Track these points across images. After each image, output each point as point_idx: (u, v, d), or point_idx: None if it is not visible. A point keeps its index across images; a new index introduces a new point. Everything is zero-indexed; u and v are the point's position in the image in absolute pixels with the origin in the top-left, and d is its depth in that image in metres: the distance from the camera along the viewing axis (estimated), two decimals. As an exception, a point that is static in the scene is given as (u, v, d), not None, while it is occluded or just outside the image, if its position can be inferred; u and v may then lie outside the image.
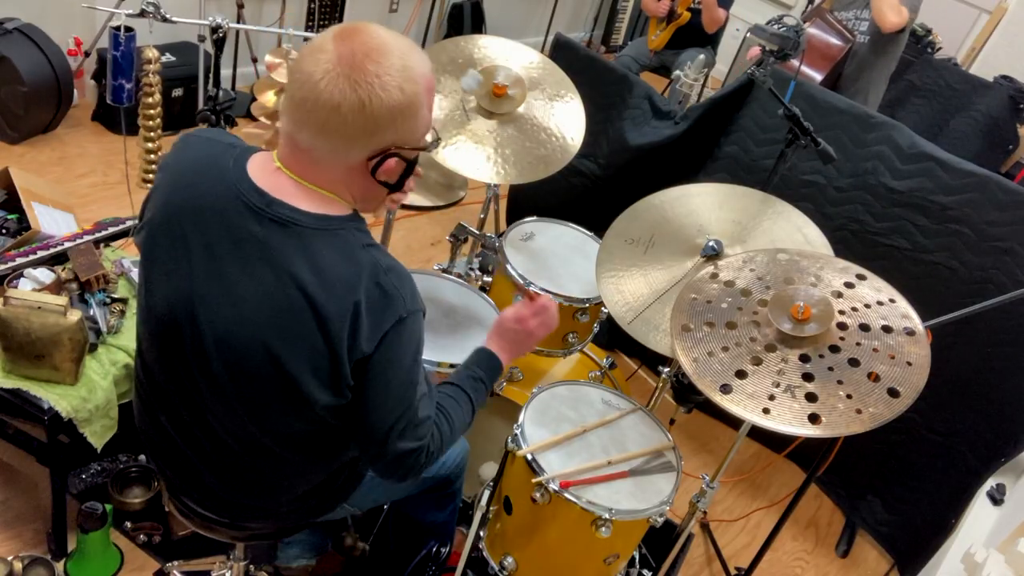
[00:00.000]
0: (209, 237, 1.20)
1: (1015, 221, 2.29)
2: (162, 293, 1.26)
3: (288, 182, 1.20)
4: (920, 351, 1.46)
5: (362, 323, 1.18)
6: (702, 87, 4.20)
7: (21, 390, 1.74)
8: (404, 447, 1.28)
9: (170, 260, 1.24)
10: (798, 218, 1.91)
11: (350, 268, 1.19)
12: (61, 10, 3.50)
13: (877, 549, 2.73)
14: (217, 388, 1.28)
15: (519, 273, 2.11)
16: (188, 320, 1.23)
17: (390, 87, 1.12)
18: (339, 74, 1.10)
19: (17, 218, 2.21)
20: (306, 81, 1.11)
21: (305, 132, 1.15)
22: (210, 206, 1.21)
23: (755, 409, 1.46)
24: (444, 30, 5.11)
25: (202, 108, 2.43)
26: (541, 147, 2.13)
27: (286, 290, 1.17)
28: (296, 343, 1.19)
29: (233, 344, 1.22)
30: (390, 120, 1.15)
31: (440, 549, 2.01)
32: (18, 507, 2.07)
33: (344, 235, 1.21)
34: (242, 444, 1.34)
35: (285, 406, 1.26)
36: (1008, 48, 5.01)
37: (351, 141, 1.15)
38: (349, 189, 1.23)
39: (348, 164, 1.19)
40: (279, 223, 1.18)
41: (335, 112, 1.11)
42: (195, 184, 1.23)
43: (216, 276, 1.21)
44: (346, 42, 1.11)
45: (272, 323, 1.19)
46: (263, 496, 1.44)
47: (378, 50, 1.12)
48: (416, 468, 1.32)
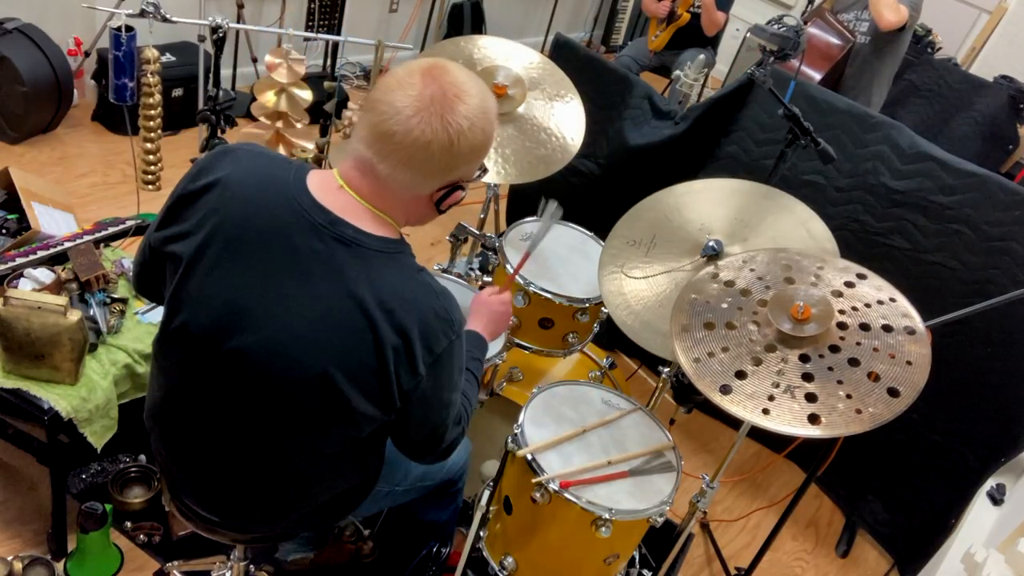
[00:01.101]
0: (268, 252, 1.20)
1: (1015, 221, 2.29)
2: (210, 307, 1.23)
3: (350, 201, 1.22)
4: (920, 350, 1.46)
5: (416, 347, 1.21)
6: (702, 87, 4.20)
7: (21, 390, 1.74)
8: (451, 436, 1.38)
9: (221, 272, 1.22)
10: (803, 211, 1.89)
11: (409, 292, 1.22)
12: (61, 10, 3.50)
13: (877, 549, 2.73)
14: (255, 403, 1.26)
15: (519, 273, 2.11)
16: (239, 334, 1.22)
17: (476, 128, 1.18)
18: (432, 112, 1.14)
19: (17, 218, 2.21)
20: (396, 115, 1.14)
21: (387, 163, 1.18)
22: (271, 222, 1.21)
23: (755, 409, 1.46)
24: (444, 30, 5.11)
25: (202, 108, 2.43)
26: (541, 147, 2.13)
27: (346, 309, 1.18)
28: (351, 362, 1.20)
29: (285, 360, 1.21)
30: (469, 157, 1.22)
31: (440, 549, 2.01)
32: (18, 507, 2.07)
33: (402, 259, 1.25)
34: (270, 459, 1.34)
35: (329, 423, 1.27)
36: (1008, 48, 5.01)
37: (431, 175, 1.21)
38: (406, 213, 1.28)
39: (418, 194, 1.24)
40: (342, 242, 1.20)
41: (425, 148, 1.16)
42: (253, 197, 1.22)
43: (273, 291, 1.20)
44: (436, 81, 1.16)
45: (329, 340, 1.19)
46: (271, 508, 1.44)
47: (465, 91, 1.17)
48: (457, 444, 1.42)
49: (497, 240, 2.23)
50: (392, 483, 1.62)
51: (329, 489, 1.44)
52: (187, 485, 1.47)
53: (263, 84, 2.59)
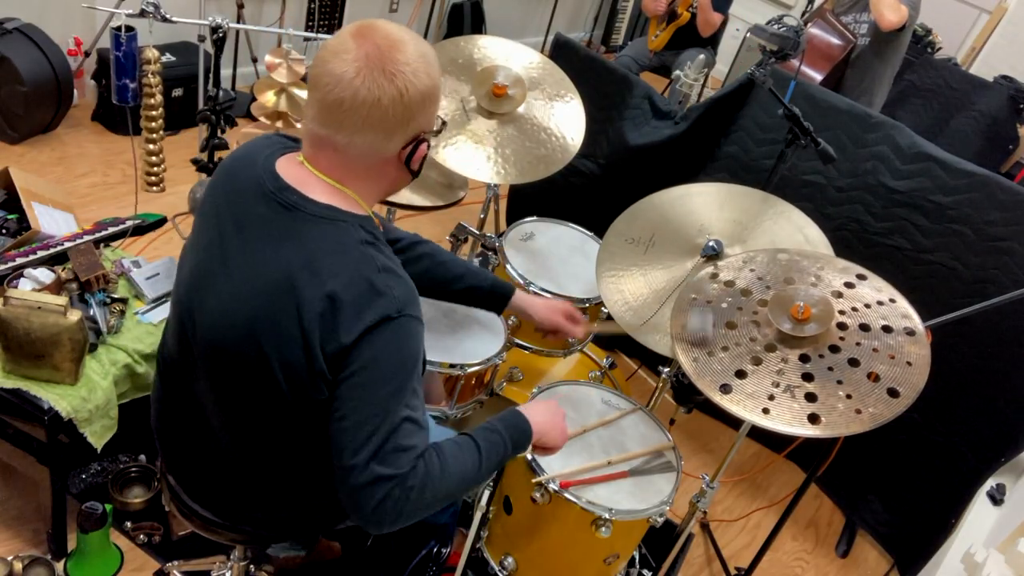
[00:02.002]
0: (222, 219, 1.27)
1: (1015, 221, 2.29)
2: (183, 277, 1.33)
3: (309, 176, 1.23)
4: (920, 351, 1.46)
5: (342, 314, 1.15)
6: (702, 87, 4.20)
7: (21, 390, 1.74)
8: (379, 471, 1.14)
9: (194, 243, 1.32)
10: (799, 218, 1.91)
11: (339, 258, 1.18)
12: (61, 10, 3.50)
13: (877, 549, 2.73)
14: (215, 379, 1.30)
15: (519, 273, 2.11)
16: (196, 299, 1.28)
17: (421, 73, 1.17)
18: (373, 68, 1.13)
19: (17, 218, 2.21)
20: (338, 82, 1.14)
21: (344, 132, 1.17)
22: (234, 191, 1.27)
23: (755, 409, 1.46)
24: (444, 30, 5.11)
25: (202, 108, 2.43)
26: (541, 147, 2.13)
27: (274, 271, 1.19)
28: (274, 325, 1.18)
29: (223, 321, 1.24)
30: (422, 106, 1.19)
31: (440, 549, 2.01)
32: (18, 507, 2.07)
33: (345, 227, 1.21)
34: (235, 446, 1.34)
35: (258, 392, 1.24)
36: (1008, 48, 5.01)
37: (390, 132, 1.19)
38: (380, 183, 1.27)
39: (384, 156, 1.22)
40: (284, 206, 1.21)
41: (376, 106, 1.14)
42: (231, 175, 1.30)
43: (219, 255, 1.25)
44: (367, 39, 1.15)
45: (257, 301, 1.20)
46: (260, 506, 1.44)
47: (399, 42, 1.16)
48: (389, 508, 1.15)
49: (497, 240, 2.23)
50: None
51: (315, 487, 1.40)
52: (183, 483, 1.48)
53: (263, 84, 2.58)
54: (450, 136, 2.09)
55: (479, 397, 2.03)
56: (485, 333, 2.01)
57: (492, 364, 1.95)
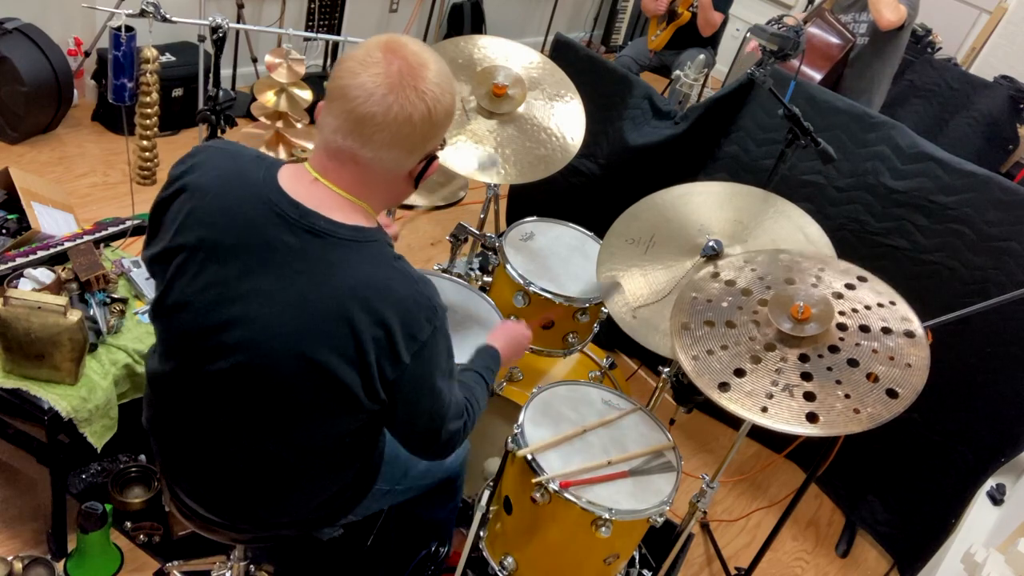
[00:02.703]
0: (240, 249, 1.20)
1: (1015, 221, 2.29)
2: (192, 307, 1.24)
3: (325, 192, 1.21)
4: (920, 353, 1.46)
5: (397, 336, 1.19)
6: (702, 87, 4.20)
7: (21, 390, 1.74)
8: (452, 428, 1.36)
9: (200, 274, 1.22)
10: (800, 217, 1.91)
11: (386, 281, 1.20)
12: (61, 10, 3.50)
13: (877, 549, 2.73)
14: (241, 400, 1.26)
15: (519, 273, 2.11)
16: (219, 332, 1.22)
17: (446, 92, 1.19)
18: (405, 86, 1.14)
19: (17, 218, 2.21)
20: (370, 96, 1.13)
21: (371, 146, 1.17)
22: (241, 218, 1.20)
23: (753, 408, 1.46)
24: (444, 30, 5.11)
25: (202, 108, 2.43)
26: (541, 147, 2.13)
27: (322, 302, 1.18)
28: (338, 351, 1.19)
29: (267, 355, 1.20)
30: (445, 124, 1.22)
31: (440, 548, 2.01)
32: (18, 507, 2.07)
33: (377, 248, 1.23)
34: (256, 455, 1.34)
35: (326, 414, 1.26)
36: (1008, 48, 5.01)
37: (414, 149, 1.21)
38: (389, 196, 1.29)
39: (402, 172, 1.24)
40: (315, 234, 1.19)
41: (407, 122, 1.15)
42: (223, 197, 1.22)
43: (249, 287, 1.20)
44: (397, 55, 1.15)
45: (310, 332, 1.18)
46: (268, 507, 1.44)
47: (426, 59, 1.17)
48: (458, 442, 1.40)
49: (497, 240, 2.23)
50: (392, 482, 1.63)
51: (324, 488, 1.44)
52: (186, 487, 1.47)
53: (263, 84, 2.59)
54: (450, 136, 2.09)
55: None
56: (485, 333, 2.01)
57: (492, 364, 1.95)
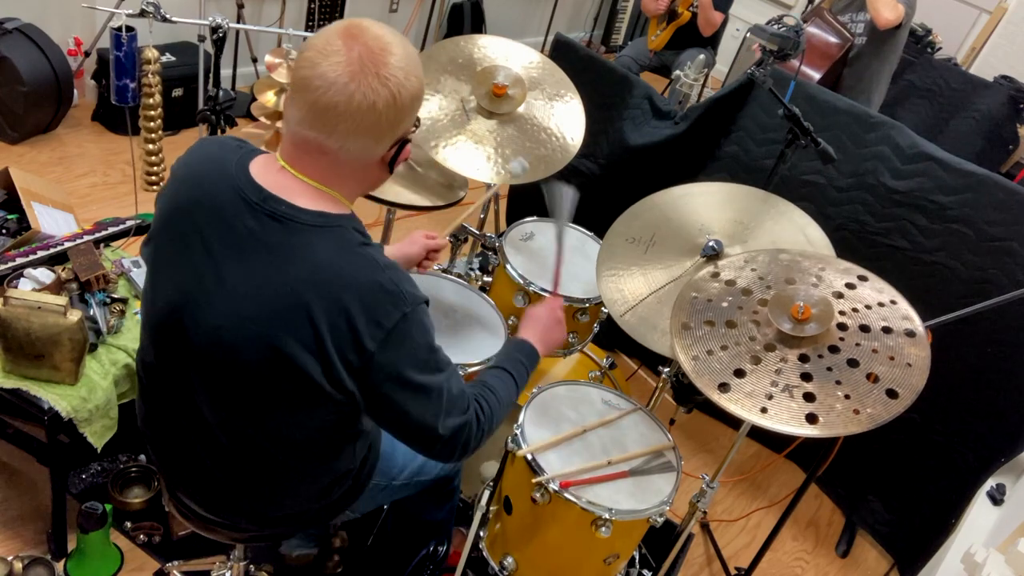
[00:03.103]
0: (207, 234, 1.21)
1: (1015, 221, 2.29)
2: (163, 293, 1.26)
3: (291, 180, 1.21)
4: (920, 353, 1.46)
5: (358, 322, 1.16)
6: (702, 87, 4.20)
7: (21, 390, 1.74)
8: (453, 424, 1.30)
9: (172, 260, 1.25)
10: (800, 218, 1.91)
11: (347, 266, 1.18)
12: (61, 10, 3.50)
13: (877, 549, 2.73)
14: (214, 388, 1.27)
15: (519, 273, 2.11)
16: (187, 317, 1.23)
17: (412, 76, 1.16)
18: (367, 73, 1.12)
19: (17, 218, 2.21)
20: (331, 85, 1.11)
21: (336, 136, 1.15)
22: (209, 204, 1.21)
23: (753, 408, 1.46)
24: (444, 30, 5.11)
25: (202, 108, 2.43)
26: (541, 147, 2.13)
27: (279, 287, 1.16)
28: (296, 337, 1.17)
29: (230, 340, 1.20)
30: (411, 108, 1.19)
31: (438, 548, 2.01)
32: (18, 507, 2.07)
33: (340, 233, 1.20)
34: (239, 446, 1.34)
35: (295, 403, 1.24)
36: (1008, 48, 5.01)
37: (381, 136, 1.18)
38: (361, 184, 1.26)
39: (372, 159, 1.21)
40: (274, 218, 1.18)
41: (371, 111, 1.13)
42: (198, 184, 1.24)
43: (213, 273, 1.20)
44: (357, 40, 1.13)
45: (272, 318, 1.17)
46: (260, 502, 1.44)
47: (388, 43, 1.15)
48: (471, 441, 1.34)
49: (497, 240, 2.23)
50: (388, 477, 1.62)
51: (313, 481, 1.43)
52: (175, 479, 1.48)
53: (263, 84, 2.58)
54: (450, 136, 2.09)
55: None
56: (485, 333, 2.02)
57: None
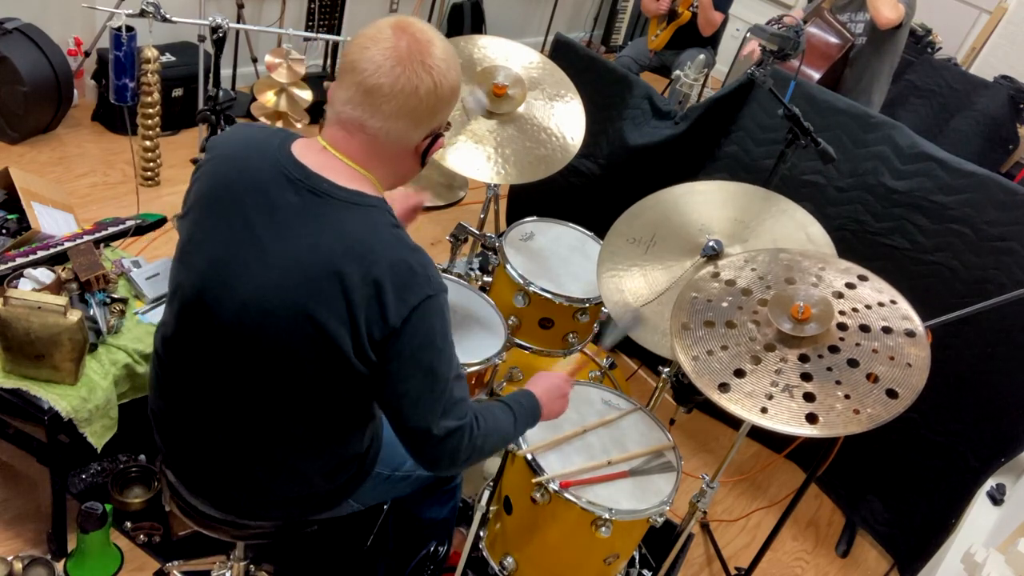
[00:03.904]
0: (247, 208, 1.26)
1: (1015, 221, 2.29)
2: (196, 264, 1.31)
3: (333, 160, 1.27)
4: (920, 353, 1.46)
5: (387, 296, 1.21)
6: (702, 87, 4.20)
7: (21, 390, 1.74)
8: (448, 426, 1.31)
9: (208, 232, 1.30)
10: (802, 216, 1.90)
11: (380, 242, 1.24)
12: (61, 10, 3.50)
13: (877, 549, 2.73)
14: (237, 359, 1.30)
15: (519, 273, 2.11)
16: (219, 288, 1.27)
17: (452, 69, 1.26)
18: (413, 60, 1.21)
19: (17, 218, 2.21)
20: (379, 68, 1.20)
21: (379, 116, 1.23)
22: (252, 179, 1.27)
23: (753, 408, 1.46)
24: (444, 30, 5.11)
25: (202, 108, 2.43)
26: (541, 147, 2.13)
27: (314, 257, 1.22)
28: (329, 307, 1.22)
29: (264, 309, 1.24)
30: (448, 101, 1.28)
31: (439, 548, 2.01)
32: (18, 507, 2.07)
33: (375, 213, 1.27)
34: (254, 420, 1.35)
35: (319, 374, 1.28)
36: (1008, 48, 5.01)
37: (419, 122, 1.26)
38: (396, 171, 1.33)
39: (408, 146, 1.29)
40: (314, 193, 1.24)
41: (414, 95, 1.22)
42: (241, 159, 1.30)
43: (250, 243, 1.25)
44: (405, 32, 1.23)
45: (304, 287, 1.22)
46: (268, 481, 1.43)
47: (432, 37, 1.25)
48: (460, 452, 1.34)
49: (497, 240, 2.23)
50: (391, 467, 1.62)
51: (321, 461, 1.43)
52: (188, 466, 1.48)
53: (263, 84, 2.59)
54: (450, 136, 2.09)
55: (479, 397, 2.03)
56: (485, 333, 2.02)
57: (492, 364, 1.95)
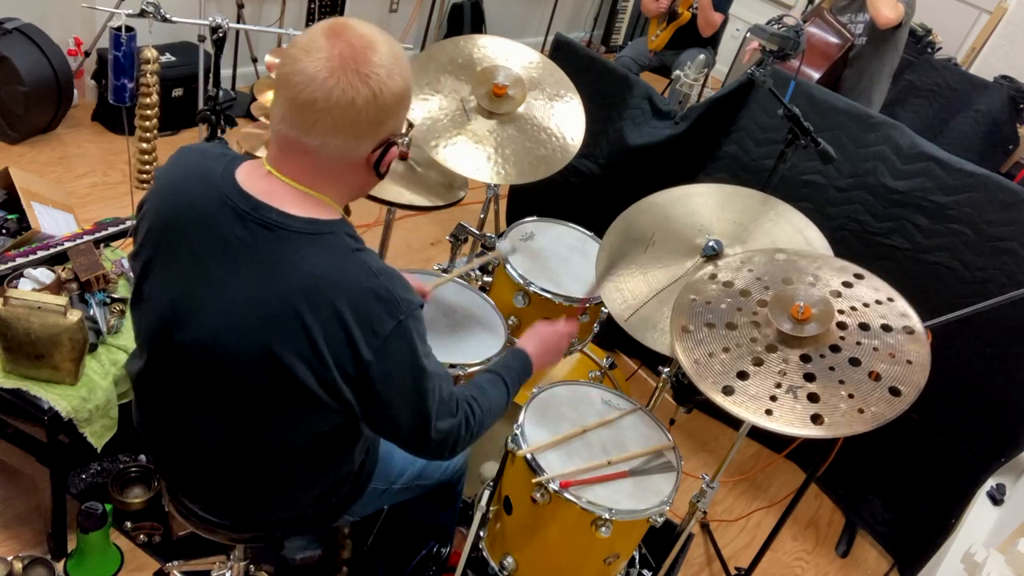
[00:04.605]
0: (195, 243, 1.18)
1: (1015, 221, 2.29)
2: (154, 305, 1.24)
3: (279, 185, 1.19)
4: (920, 349, 1.46)
5: (354, 332, 1.15)
6: (702, 87, 4.20)
7: (21, 390, 1.74)
8: (443, 427, 1.31)
9: (161, 272, 1.23)
10: (799, 220, 1.91)
11: (340, 274, 1.16)
12: (61, 10, 3.50)
13: (877, 549, 2.73)
14: (208, 397, 1.26)
15: (519, 273, 2.11)
16: (180, 330, 1.21)
17: (395, 75, 1.14)
18: (347, 69, 1.10)
19: (17, 218, 2.21)
20: (311, 82, 1.10)
21: (315, 134, 1.13)
22: (197, 213, 1.19)
23: (758, 410, 1.46)
24: (444, 30, 5.11)
25: (202, 108, 2.43)
26: (541, 147, 2.12)
27: (272, 297, 1.15)
28: (292, 346, 1.15)
29: (226, 350, 1.18)
30: (395, 108, 1.17)
31: (440, 549, 2.01)
32: (18, 507, 2.07)
33: (332, 240, 1.18)
34: (233, 453, 1.33)
35: (291, 410, 1.23)
36: (1008, 48, 5.01)
37: (362, 135, 1.16)
38: (348, 186, 1.24)
39: (354, 160, 1.19)
40: (265, 227, 1.16)
41: (350, 108, 1.11)
42: (183, 192, 1.22)
43: (204, 282, 1.18)
44: (340, 38, 1.11)
45: (265, 327, 1.15)
46: (258, 507, 1.44)
47: (372, 42, 1.13)
48: (461, 441, 1.35)
49: (497, 240, 2.23)
50: (387, 481, 1.62)
51: (310, 486, 1.42)
52: (179, 486, 1.48)
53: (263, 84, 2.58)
54: (450, 136, 2.09)
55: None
56: (485, 333, 2.01)
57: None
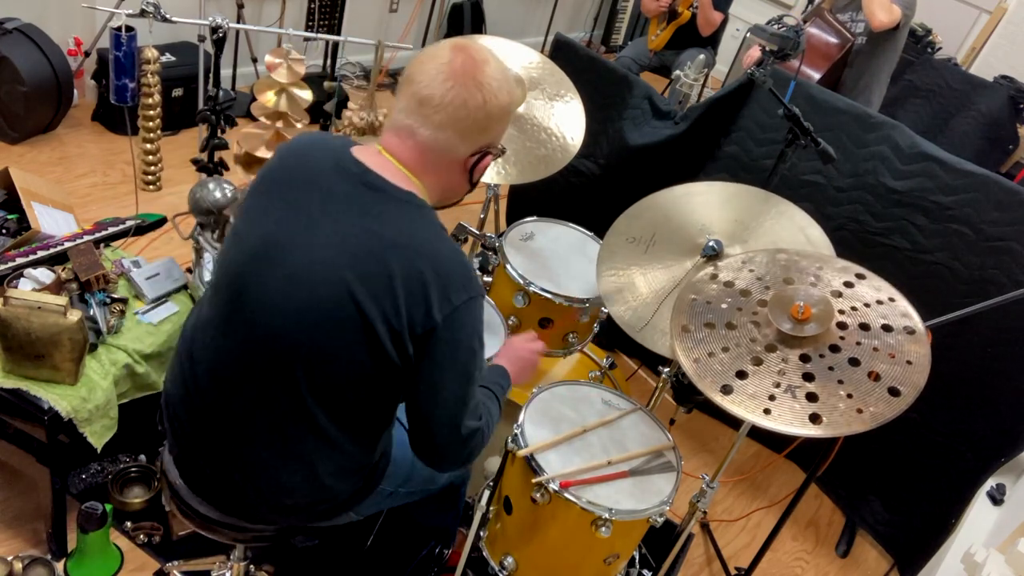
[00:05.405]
0: (301, 191, 1.32)
1: (1015, 221, 2.29)
2: (247, 240, 1.34)
3: (388, 163, 1.34)
4: (920, 350, 1.46)
5: (431, 290, 1.26)
6: (702, 87, 4.20)
7: (21, 390, 1.74)
8: (472, 425, 1.38)
9: (261, 212, 1.35)
10: (801, 218, 1.90)
11: (428, 238, 1.30)
12: (61, 10, 3.50)
13: (877, 549, 2.73)
14: (273, 336, 1.30)
15: (519, 273, 2.11)
16: (266, 261, 1.30)
17: (503, 89, 1.33)
18: (465, 75, 1.28)
19: (17, 218, 2.21)
20: (432, 81, 1.28)
21: (428, 125, 1.30)
22: (311, 169, 1.34)
23: (756, 409, 1.46)
24: (444, 30, 5.11)
25: (202, 108, 2.43)
26: (541, 147, 2.13)
27: (364, 240, 1.27)
28: (371, 290, 1.25)
29: (310, 279, 1.27)
30: (498, 119, 1.35)
31: (442, 550, 2.01)
32: (18, 507, 2.07)
33: (427, 212, 1.33)
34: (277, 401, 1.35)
35: (355, 351, 1.29)
36: (1008, 48, 5.01)
37: (466, 135, 1.32)
38: (442, 183, 1.39)
39: (454, 158, 1.35)
40: (369, 187, 1.30)
41: (462, 107, 1.29)
42: (304, 154, 1.38)
43: (302, 221, 1.30)
44: (463, 50, 1.31)
45: (350, 266, 1.26)
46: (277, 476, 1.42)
47: (488, 59, 1.32)
48: (476, 449, 1.41)
49: (497, 240, 2.23)
50: (396, 484, 1.62)
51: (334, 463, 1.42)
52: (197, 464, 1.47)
53: (263, 84, 2.58)
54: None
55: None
56: (485, 333, 2.01)
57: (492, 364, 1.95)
